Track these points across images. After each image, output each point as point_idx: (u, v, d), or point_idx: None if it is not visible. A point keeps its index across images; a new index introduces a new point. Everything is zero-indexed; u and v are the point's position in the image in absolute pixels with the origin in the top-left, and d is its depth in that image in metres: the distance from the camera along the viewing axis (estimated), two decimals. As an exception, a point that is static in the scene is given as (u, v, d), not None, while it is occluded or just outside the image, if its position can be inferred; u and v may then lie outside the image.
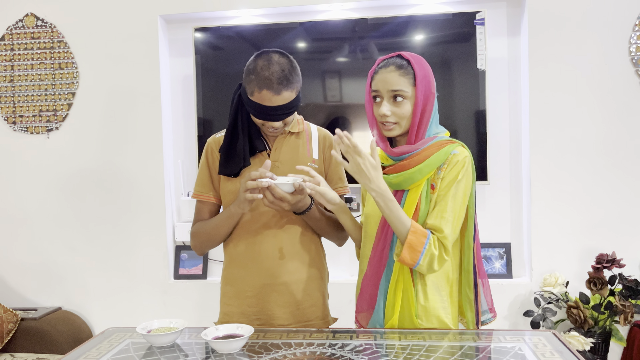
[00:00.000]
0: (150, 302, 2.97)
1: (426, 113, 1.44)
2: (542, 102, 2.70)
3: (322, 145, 1.67)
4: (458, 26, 2.75)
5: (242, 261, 1.62)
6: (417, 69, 1.43)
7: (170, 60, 3.04)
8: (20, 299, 3.05)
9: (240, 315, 1.62)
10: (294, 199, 1.46)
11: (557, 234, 2.71)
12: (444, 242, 1.39)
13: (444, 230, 1.39)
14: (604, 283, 2.45)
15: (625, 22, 2.64)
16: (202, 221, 1.66)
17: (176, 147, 3.05)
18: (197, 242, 1.67)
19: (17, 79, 2.99)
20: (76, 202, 3.00)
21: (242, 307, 1.62)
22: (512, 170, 2.86)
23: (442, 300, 1.47)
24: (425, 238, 1.37)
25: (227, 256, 1.67)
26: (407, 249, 1.37)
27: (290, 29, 2.85)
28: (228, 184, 1.61)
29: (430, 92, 1.44)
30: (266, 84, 1.46)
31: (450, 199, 1.40)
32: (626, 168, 2.67)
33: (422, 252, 1.36)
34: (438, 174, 1.43)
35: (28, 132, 3.01)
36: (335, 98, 2.87)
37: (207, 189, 1.65)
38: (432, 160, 1.42)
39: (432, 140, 1.45)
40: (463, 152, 1.44)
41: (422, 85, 1.43)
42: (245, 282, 1.61)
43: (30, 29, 2.97)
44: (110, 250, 3.00)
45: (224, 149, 1.58)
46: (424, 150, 1.43)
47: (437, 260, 1.38)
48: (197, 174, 1.68)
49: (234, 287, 1.64)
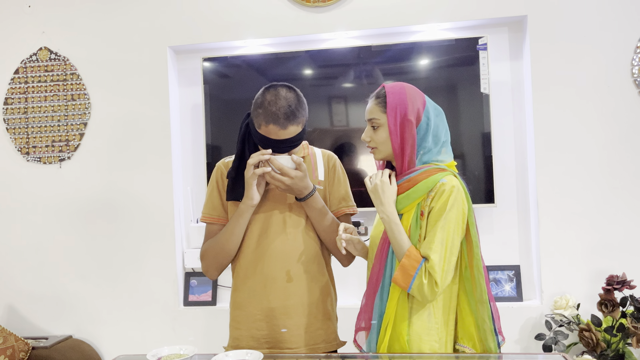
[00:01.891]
0: (160, 329, 2.98)
1: (407, 139, 1.48)
2: (547, 124, 2.72)
3: (327, 166, 1.72)
4: (461, 51, 2.80)
5: (251, 285, 1.64)
6: (389, 98, 1.50)
7: (180, 89, 3.11)
8: (31, 328, 3.07)
9: (250, 338, 1.63)
10: (295, 173, 1.53)
11: (567, 255, 2.70)
12: (431, 271, 1.40)
13: (430, 259, 1.40)
14: (615, 305, 2.43)
15: (626, 44, 2.67)
16: (210, 239, 1.68)
17: (185, 174, 3.10)
18: (209, 260, 1.67)
19: (31, 110, 3.07)
20: (87, 230, 3.04)
21: (252, 331, 1.63)
22: (519, 192, 2.87)
23: (429, 327, 1.46)
24: (418, 264, 1.41)
25: (235, 280, 1.69)
26: (400, 271, 1.42)
27: (297, 57, 2.91)
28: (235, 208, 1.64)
29: (406, 119, 1.48)
30: (273, 119, 1.51)
31: (439, 229, 1.42)
32: (632, 188, 2.67)
33: (413, 277, 1.40)
34: (427, 201, 1.46)
35: (41, 162, 3.07)
36: (341, 123, 2.91)
37: (218, 211, 1.68)
38: (419, 186, 1.46)
39: (423, 168, 1.48)
40: (451, 181, 1.46)
41: (393, 112, 1.49)
42: (254, 306, 1.63)
43: (44, 62, 3.06)
44: (120, 278, 3.02)
45: (232, 175, 1.62)
46: (415, 176, 1.47)
47: (427, 289, 1.39)
48: (206, 196, 1.71)
49: (243, 311, 1.65)
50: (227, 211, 1.68)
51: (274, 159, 1.53)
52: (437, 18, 2.81)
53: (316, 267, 1.66)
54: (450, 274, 1.44)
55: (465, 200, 1.46)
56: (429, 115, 1.50)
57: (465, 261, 1.49)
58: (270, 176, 1.53)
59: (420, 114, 1.49)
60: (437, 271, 1.40)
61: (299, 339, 1.61)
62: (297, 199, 1.61)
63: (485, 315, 1.47)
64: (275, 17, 2.90)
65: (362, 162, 2.88)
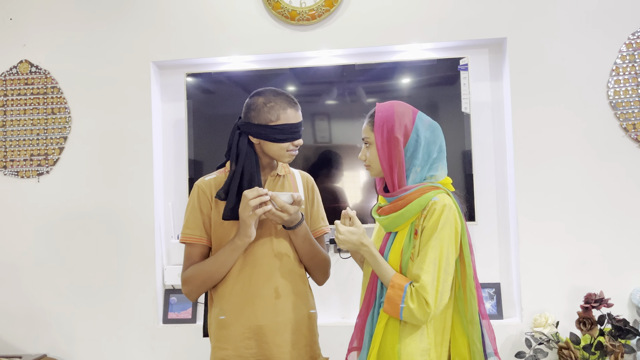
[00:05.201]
0: (139, 348, 2.92)
1: (394, 156, 1.49)
2: (526, 144, 2.77)
3: (306, 186, 1.76)
4: (443, 71, 2.85)
5: (237, 303, 1.62)
6: (377, 115, 1.53)
7: (162, 104, 3.09)
8: (4, 346, 2.98)
9: (238, 358, 1.61)
10: (294, 208, 1.54)
11: (546, 273, 2.73)
12: (422, 292, 1.39)
13: (421, 279, 1.40)
14: (593, 323, 2.46)
15: (602, 67, 2.74)
16: (196, 264, 1.66)
17: (167, 190, 3.07)
18: (193, 286, 1.65)
19: (10, 123, 3.02)
20: (65, 247, 2.99)
21: (240, 350, 1.61)
22: (499, 210, 2.90)
23: (421, 347, 1.45)
24: (402, 292, 1.41)
25: (217, 299, 1.66)
26: (387, 302, 1.43)
27: (280, 75, 2.93)
28: (222, 226, 1.63)
29: (393, 135, 1.49)
30: (288, 103, 1.60)
31: (431, 249, 1.41)
32: (610, 207, 2.72)
33: (400, 306, 1.40)
34: (420, 220, 1.46)
35: (18, 177, 3.02)
36: (324, 139, 2.92)
37: (199, 231, 1.66)
38: (413, 205, 1.46)
39: (416, 187, 1.48)
40: (443, 200, 1.45)
41: (379, 130, 1.51)
42: (242, 324, 1.61)
43: (24, 75, 3.02)
44: (98, 295, 2.96)
45: (234, 194, 1.59)
46: (408, 195, 1.47)
47: (418, 313, 1.39)
48: (186, 216, 1.69)
49: (229, 330, 1.63)
50: (208, 231, 1.67)
51: (276, 197, 1.53)
52: (420, 38, 2.85)
53: (301, 284, 1.67)
54: (447, 294, 1.42)
55: (458, 218, 1.46)
56: (419, 132, 1.50)
57: (458, 281, 1.48)
58: (271, 213, 1.54)
59: (409, 131, 1.50)
60: (429, 292, 1.38)
61: (287, 356, 1.61)
62: (285, 228, 1.62)
63: (475, 337, 1.47)
64: (260, 34, 2.92)
65: (345, 179, 2.89)
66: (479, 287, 1.50)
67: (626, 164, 2.72)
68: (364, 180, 2.89)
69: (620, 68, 2.73)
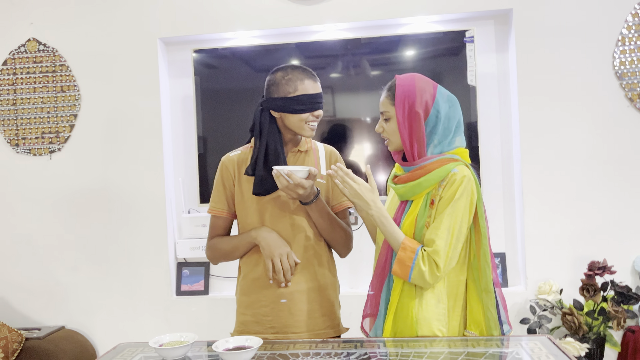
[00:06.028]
0: (153, 319, 3.01)
1: (415, 130, 1.50)
2: (532, 115, 2.79)
3: (329, 161, 1.77)
4: (448, 43, 2.86)
5: (258, 272, 1.69)
6: (397, 89, 1.53)
7: (170, 81, 3.12)
8: (23, 319, 3.08)
9: (256, 324, 1.68)
10: (308, 183, 1.57)
11: (551, 242, 2.78)
12: (434, 257, 1.44)
13: (435, 244, 1.45)
14: (596, 290, 2.53)
15: (608, 37, 2.75)
16: (219, 237, 1.76)
17: (177, 165, 3.12)
18: (214, 256, 1.78)
19: (20, 102, 3.06)
20: (78, 222, 3.05)
21: (257, 317, 1.69)
22: (504, 181, 2.94)
23: (437, 312, 1.51)
24: (413, 254, 1.45)
25: (243, 268, 1.75)
26: (397, 264, 1.47)
27: (286, 49, 2.94)
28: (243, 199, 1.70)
29: (413, 110, 1.50)
30: (306, 75, 1.64)
31: (446, 216, 1.45)
32: (615, 176, 2.76)
33: (411, 267, 1.45)
34: (438, 190, 1.49)
35: (31, 154, 3.07)
36: (328, 113, 2.94)
37: (221, 205, 1.74)
38: (432, 175, 1.49)
39: (435, 157, 1.50)
40: (462, 171, 1.48)
41: (400, 104, 1.51)
42: (260, 293, 1.68)
43: (33, 53, 3.04)
44: (112, 269, 3.04)
45: (261, 169, 1.64)
46: (427, 165, 1.50)
47: (428, 275, 1.44)
48: (212, 190, 1.76)
49: (249, 298, 1.71)
50: (231, 205, 1.74)
51: (292, 174, 1.56)
52: (425, 11, 2.85)
53: (321, 254, 1.72)
54: (454, 260, 1.48)
55: (475, 190, 1.49)
56: (439, 107, 1.51)
57: (473, 250, 1.53)
58: (287, 188, 1.57)
59: (429, 107, 1.51)
60: (441, 256, 1.44)
61: (304, 325, 1.67)
62: (302, 203, 1.65)
63: (490, 304, 1.52)
64: (266, 9, 2.92)
65: (349, 152, 2.92)
66: (493, 257, 1.55)
67: (631, 134, 2.74)
68: (369, 153, 2.92)
69: (626, 38, 2.73)
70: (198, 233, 2.99)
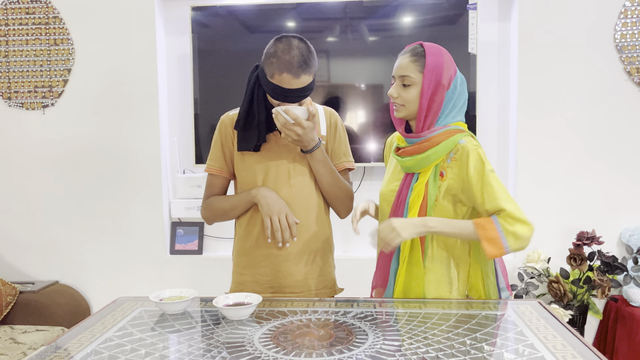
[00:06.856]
0: (147, 277, 3.05)
1: (435, 102, 1.50)
2: (530, 85, 2.79)
3: (329, 121, 1.76)
4: (451, 10, 2.82)
5: (256, 233, 1.70)
6: (429, 58, 1.49)
7: (167, 38, 3.06)
8: (17, 273, 3.09)
9: (254, 283, 1.71)
10: (307, 124, 1.55)
11: (542, 213, 2.83)
12: (513, 217, 1.41)
13: (504, 207, 1.42)
14: (583, 259, 2.59)
15: (610, 9, 2.73)
16: (216, 196, 1.75)
17: (172, 125, 3.09)
18: (210, 215, 1.76)
19: (12, 54, 2.99)
20: (72, 178, 3.04)
21: (256, 277, 1.71)
22: (499, 151, 2.96)
23: (449, 277, 1.54)
24: (493, 224, 1.42)
25: (239, 229, 1.75)
26: (487, 243, 1.42)
27: (286, 10, 2.88)
28: (242, 159, 1.69)
29: (440, 82, 1.49)
30: (287, 68, 1.53)
31: (492, 182, 1.44)
32: (609, 149, 2.79)
33: (502, 237, 1.41)
34: (447, 162, 1.50)
35: (23, 108, 3.02)
36: (322, 78, 2.91)
37: (219, 163, 1.73)
38: (440, 147, 1.49)
39: (441, 129, 1.50)
40: (471, 141, 1.50)
41: (430, 74, 1.48)
42: (259, 253, 1.70)
43: (25, 4, 2.96)
44: (106, 226, 3.05)
45: (241, 126, 1.64)
46: (433, 137, 1.49)
47: (523, 231, 1.41)
48: (211, 149, 1.75)
49: (248, 258, 1.72)
50: (229, 164, 1.73)
51: (290, 109, 1.54)
52: (429, -25, 2.81)
53: (319, 216, 1.72)
54: None
55: None
56: (457, 83, 1.52)
57: (475, 216, 1.54)
58: (286, 127, 1.55)
59: (451, 81, 1.51)
60: (518, 214, 1.41)
61: (301, 284, 1.69)
62: (303, 151, 1.64)
63: (489, 270, 1.56)
64: (266, -34, 2.86)
65: (342, 119, 2.91)
66: None
67: (626, 108, 2.76)
68: (362, 120, 2.91)
69: (628, 11, 2.72)
70: (193, 193, 2.99)
